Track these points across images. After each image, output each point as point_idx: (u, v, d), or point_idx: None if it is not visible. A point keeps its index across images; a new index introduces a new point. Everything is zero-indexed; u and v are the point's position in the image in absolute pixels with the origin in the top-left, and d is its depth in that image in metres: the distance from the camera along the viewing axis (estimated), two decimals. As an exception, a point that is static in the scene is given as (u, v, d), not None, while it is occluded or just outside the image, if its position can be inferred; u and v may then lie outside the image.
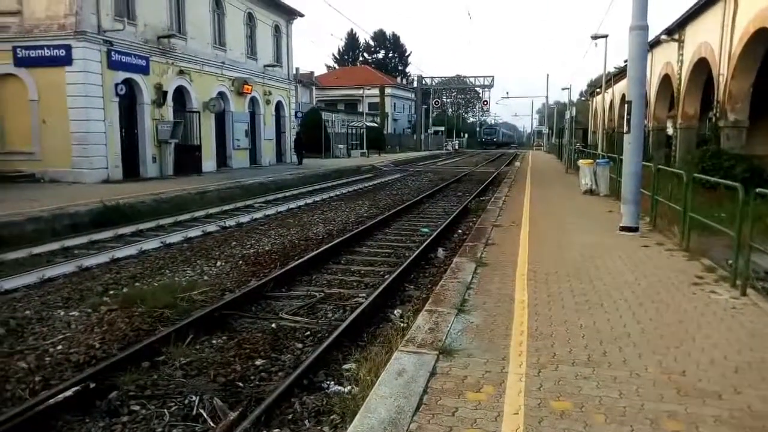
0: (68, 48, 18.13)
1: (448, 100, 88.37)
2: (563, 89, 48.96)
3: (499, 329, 4.89)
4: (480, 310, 5.41)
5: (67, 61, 18.15)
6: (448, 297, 5.79)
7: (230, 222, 12.96)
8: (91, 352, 5.35)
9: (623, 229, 9.78)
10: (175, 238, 10.95)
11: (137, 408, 4.35)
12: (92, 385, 4.51)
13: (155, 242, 10.45)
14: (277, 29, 32.85)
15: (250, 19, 29.62)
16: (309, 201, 17.21)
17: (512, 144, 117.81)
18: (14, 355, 5.22)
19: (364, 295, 7.29)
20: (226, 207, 15.29)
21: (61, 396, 4.32)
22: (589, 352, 4.40)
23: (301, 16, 34.92)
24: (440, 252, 9.79)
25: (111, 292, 7.27)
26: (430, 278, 8.22)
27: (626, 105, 9.88)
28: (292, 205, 16.03)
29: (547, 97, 66.89)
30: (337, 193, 19.72)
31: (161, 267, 8.73)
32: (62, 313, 6.38)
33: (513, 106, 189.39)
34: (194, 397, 4.47)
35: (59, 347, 5.44)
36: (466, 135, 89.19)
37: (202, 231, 11.76)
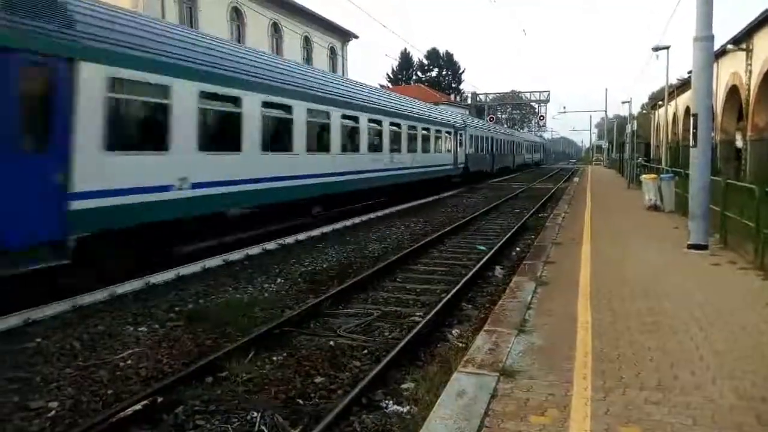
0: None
1: (503, 116, 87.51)
2: (623, 102, 47.28)
3: (561, 350, 4.76)
4: (541, 331, 5.29)
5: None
6: (508, 317, 5.69)
7: (288, 240, 13.18)
8: (158, 367, 5.55)
9: (691, 246, 9.37)
10: (235, 255, 11.21)
11: (202, 422, 4.47)
12: (160, 400, 4.67)
13: (218, 260, 10.74)
14: (332, 51, 33.65)
15: (307, 42, 30.50)
16: (364, 218, 17.31)
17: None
18: (89, 368, 5.47)
19: (420, 313, 7.26)
20: (280, 226, 15.53)
21: (130, 409, 4.48)
22: (659, 375, 4.21)
23: (356, 37, 35.68)
24: (498, 270, 9.64)
25: (176, 308, 7.52)
26: (488, 297, 8.10)
27: (692, 118, 9.53)
28: (347, 223, 16.16)
29: (606, 110, 65.22)
30: (392, 209, 19.74)
31: (223, 284, 8.96)
32: (131, 329, 6.64)
33: (571, 121, 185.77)
34: (256, 414, 4.54)
35: (129, 362, 5.67)
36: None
37: (262, 249, 12.00)
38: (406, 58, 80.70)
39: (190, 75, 9.79)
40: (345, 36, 34.81)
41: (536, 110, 75.71)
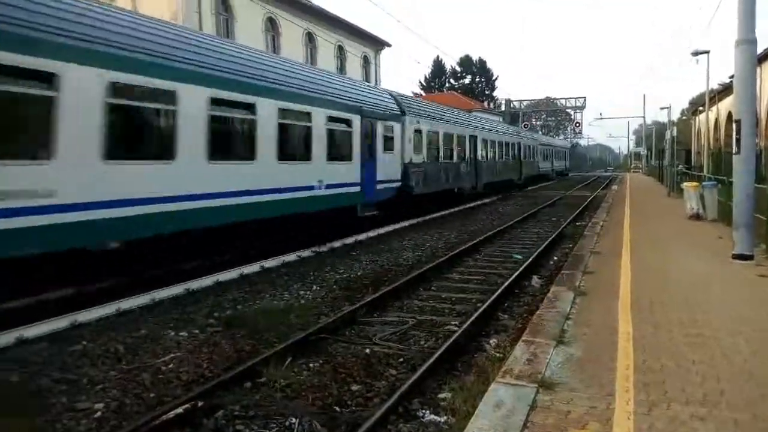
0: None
1: (538, 123, 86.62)
2: (662, 108, 46.23)
3: (602, 362, 4.68)
4: (581, 342, 5.20)
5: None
6: (546, 327, 5.62)
7: (323, 247, 13.29)
8: (198, 371, 5.66)
9: (736, 257, 9.09)
10: (272, 263, 11.36)
11: (241, 428, 4.54)
12: (200, 404, 4.76)
13: (255, 266, 10.89)
14: (366, 59, 33.92)
15: (340, 51, 30.82)
16: (397, 226, 17.33)
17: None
18: (132, 371, 5.62)
19: (456, 323, 7.23)
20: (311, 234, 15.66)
21: (172, 413, 4.58)
22: (705, 390, 4.10)
23: (389, 46, 35.92)
24: (535, 280, 9.53)
25: (215, 314, 7.66)
26: (525, 307, 8.01)
27: (735, 124, 9.28)
28: (381, 230, 16.20)
29: (644, 117, 64.02)
30: (424, 218, 19.72)
31: (260, 291, 9.09)
32: (173, 334, 6.80)
33: (607, 128, 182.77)
34: (294, 420, 4.59)
35: (170, 366, 5.80)
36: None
37: (297, 256, 12.13)
38: (438, 65, 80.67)
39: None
40: (378, 44, 35.06)
41: (572, 117, 74.74)
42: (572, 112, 72.36)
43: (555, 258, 11.86)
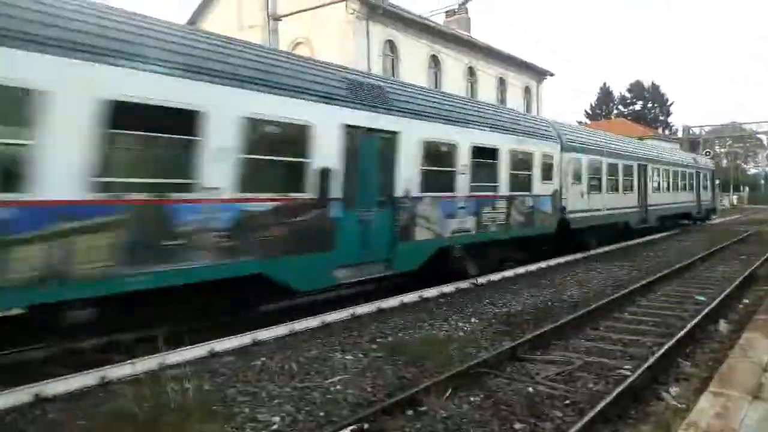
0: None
1: (722, 150, 78.05)
2: None
3: (813, 426, 4.02)
4: (784, 399, 4.53)
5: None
6: (739, 378, 5.00)
7: (481, 279, 13.17)
8: (363, 395, 5.89)
9: None
10: (431, 292, 11.52)
11: (403, 454, 4.61)
12: (366, 426, 4.95)
13: (413, 296, 11.13)
14: (527, 90, 33.50)
15: (501, 83, 30.81)
16: (561, 260, 16.59)
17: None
18: (304, 389, 6.02)
19: (629, 367, 6.69)
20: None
21: (340, 433, 4.82)
22: None
23: (551, 75, 35.05)
24: (722, 325, 8.51)
25: (378, 339, 7.95)
26: (711, 354, 7.18)
27: None
28: (542, 264, 15.62)
29: None
30: (591, 253, 18.64)
31: (420, 320, 9.25)
32: (339, 356, 7.17)
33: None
34: (456, 453, 4.56)
35: (338, 386, 6.12)
36: (747, 188, 77.02)
37: (455, 287, 12.16)
38: (606, 92, 76.97)
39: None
40: (540, 74, 34.42)
41: (765, 143, 66.38)
42: (765, 138, 64.32)
43: (746, 301, 10.49)
